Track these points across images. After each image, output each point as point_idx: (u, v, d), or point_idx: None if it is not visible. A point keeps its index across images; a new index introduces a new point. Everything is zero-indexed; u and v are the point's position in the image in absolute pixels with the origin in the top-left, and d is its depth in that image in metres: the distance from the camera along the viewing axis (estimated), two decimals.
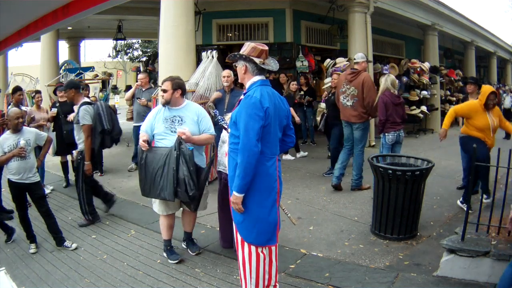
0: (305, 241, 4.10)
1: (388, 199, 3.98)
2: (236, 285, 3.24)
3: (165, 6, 6.19)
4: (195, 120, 3.62)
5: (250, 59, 2.67)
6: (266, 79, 2.77)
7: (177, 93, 3.60)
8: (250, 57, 2.67)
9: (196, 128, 3.61)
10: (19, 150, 3.88)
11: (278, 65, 2.80)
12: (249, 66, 2.70)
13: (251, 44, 2.71)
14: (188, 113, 3.63)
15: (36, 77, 11.00)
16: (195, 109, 3.70)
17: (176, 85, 3.60)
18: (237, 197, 2.61)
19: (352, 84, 5.42)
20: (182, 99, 3.69)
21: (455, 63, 16.29)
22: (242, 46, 2.77)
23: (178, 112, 3.63)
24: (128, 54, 28.20)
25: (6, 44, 2.12)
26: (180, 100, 3.66)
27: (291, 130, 2.93)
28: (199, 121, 3.63)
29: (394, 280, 3.27)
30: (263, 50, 2.69)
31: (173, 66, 5.94)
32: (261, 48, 2.69)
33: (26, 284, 3.45)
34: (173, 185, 3.34)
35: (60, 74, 9.63)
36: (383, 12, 9.66)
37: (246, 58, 2.68)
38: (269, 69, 2.73)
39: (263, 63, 2.69)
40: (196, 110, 3.68)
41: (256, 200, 2.65)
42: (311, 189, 5.83)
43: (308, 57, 9.81)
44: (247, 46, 2.72)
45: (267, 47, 2.74)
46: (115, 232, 4.50)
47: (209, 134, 3.68)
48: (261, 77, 2.72)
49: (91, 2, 1.47)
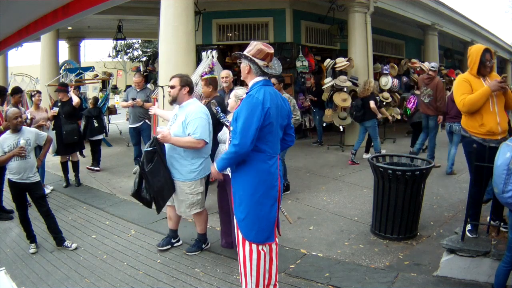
0: (305, 241, 4.11)
1: (388, 199, 3.98)
2: (236, 285, 3.24)
3: (165, 6, 6.19)
4: (182, 121, 3.51)
5: (254, 61, 2.68)
6: (268, 80, 2.79)
7: (185, 90, 3.60)
8: (254, 59, 2.67)
9: (181, 130, 3.48)
10: (19, 149, 3.87)
11: (281, 68, 2.82)
12: (253, 67, 2.71)
13: (257, 46, 2.70)
14: (182, 112, 3.58)
15: (36, 77, 11.01)
16: (189, 109, 3.56)
17: (184, 82, 3.60)
18: (218, 172, 2.89)
19: (428, 86, 6.89)
20: (188, 97, 3.65)
21: (455, 63, 16.29)
22: (243, 46, 2.78)
23: (180, 110, 3.65)
24: (128, 54, 28.18)
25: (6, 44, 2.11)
26: (186, 97, 3.63)
27: (292, 129, 2.97)
28: (186, 122, 3.48)
29: (394, 280, 3.27)
30: (268, 53, 2.69)
31: (173, 66, 5.95)
32: (267, 51, 2.68)
33: (26, 284, 3.45)
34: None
35: (60, 74, 9.63)
36: (383, 12, 9.67)
37: (251, 60, 2.69)
38: (271, 73, 2.74)
39: (267, 66, 2.69)
40: (189, 111, 3.53)
41: (257, 198, 2.66)
42: (311, 189, 5.83)
43: (308, 57, 9.82)
44: (253, 47, 2.71)
45: (272, 50, 2.73)
46: (115, 232, 4.50)
47: (193, 138, 3.44)
48: (263, 77, 2.74)
49: (91, 2, 1.47)
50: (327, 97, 8.95)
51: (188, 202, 3.66)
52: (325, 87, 8.86)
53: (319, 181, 6.24)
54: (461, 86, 3.45)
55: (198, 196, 3.69)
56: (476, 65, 3.42)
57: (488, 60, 3.43)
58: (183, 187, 3.61)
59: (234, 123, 2.69)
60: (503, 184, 2.57)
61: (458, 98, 3.42)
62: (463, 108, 3.41)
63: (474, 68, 3.44)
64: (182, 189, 3.62)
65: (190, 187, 3.62)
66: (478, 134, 3.38)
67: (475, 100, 3.32)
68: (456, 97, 3.46)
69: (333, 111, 8.74)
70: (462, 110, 3.46)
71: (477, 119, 3.39)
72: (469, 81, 3.44)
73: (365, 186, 5.81)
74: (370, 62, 9.13)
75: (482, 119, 3.36)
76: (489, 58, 3.44)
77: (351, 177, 6.46)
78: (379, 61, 11.38)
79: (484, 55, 3.41)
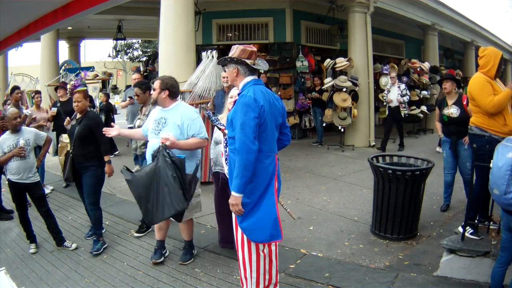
0: (305, 241, 4.10)
1: (388, 199, 3.98)
2: (236, 285, 3.24)
3: (165, 6, 6.19)
4: (178, 124, 3.41)
5: (241, 61, 2.69)
6: (259, 79, 2.80)
7: (164, 93, 3.47)
8: (241, 59, 2.69)
9: (178, 132, 3.40)
10: (18, 150, 3.88)
11: (267, 65, 2.85)
12: (241, 68, 2.72)
13: (240, 47, 2.74)
14: (172, 115, 3.46)
15: (36, 77, 11.02)
16: (181, 112, 3.47)
17: (164, 86, 3.47)
18: (236, 197, 2.59)
19: None
20: (171, 101, 3.52)
21: (455, 63, 16.29)
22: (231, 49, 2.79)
23: (165, 113, 3.51)
24: (128, 54, 28.19)
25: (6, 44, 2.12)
26: (167, 101, 3.50)
27: (287, 128, 2.95)
28: (183, 124, 3.41)
29: (394, 280, 3.27)
30: (252, 52, 2.73)
31: (173, 66, 5.95)
32: (250, 49, 2.73)
33: (26, 284, 3.45)
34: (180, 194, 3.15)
35: (60, 74, 9.63)
36: (383, 12, 9.66)
37: (238, 61, 2.70)
38: (259, 69, 2.77)
39: (254, 64, 2.72)
40: (182, 113, 3.45)
41: (256, 198, 2.64)
42: (311, 189, 5.83)
43: (308, 57, 9.82)
44: (236, 49, 2.74)
45: (255, 48, 2.78)
46: (115, 232, 4.50)
47: (199, 138, 3.42)
48: (253, 77, 2.75)
49: (91, 2, 1.47)
50: (327, 97, 8.96)
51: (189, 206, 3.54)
52: (325, 87, 8.87)
53: (319, 181, 6.24)
54: (486, 87, 3.54)
55: (197, 198, 3.62)
56: (495, 68, 3.56)
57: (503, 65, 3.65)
58: None
59: (230, 127, 2.68)
60: (505, 185, 2.56)
61: (485, 99, 3.50)
62: (492, 109, 3.49)
63: (492, 71, 3.57)
64: None
65: None
66: (500, 133, 3.48)
67: (503, 101, 3.47)
68: (482, 98, 3.52)
69: (333, 111, 8.74)
70: (489, 111, 3.52)
71: (501, 119, 3.52)
72: (491, 83, 3.56)
73: (365, 186, 5.81)
74: (370, 62, 9.12)
75: (505, 119, 3.50)
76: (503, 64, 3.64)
77: (351, 177, 6.46)
78: (379, 61, 11.38)
79: (501, 61, 3.61)
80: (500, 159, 2.64)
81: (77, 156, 4.00)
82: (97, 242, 4.01)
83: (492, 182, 2.70)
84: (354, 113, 8.62)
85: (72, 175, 4.09)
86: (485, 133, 3.58)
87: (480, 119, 3.63)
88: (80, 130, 3.98)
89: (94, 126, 4.00)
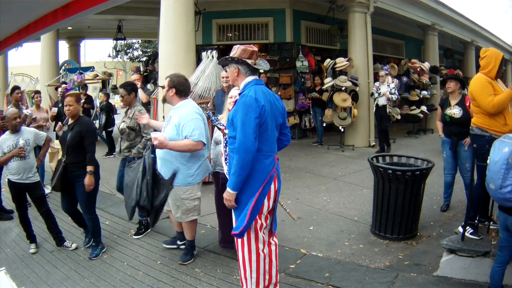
0: (305, 241, 4.10)
1: (388, 199, 3.98)
2: (236, 285, 3.24)
3: (165, 6, 6.19)
4: (175, 124, 3.36)
5: (242, 61, 2.70)
6: (260, 79, 2.80)
7: (172, 91, 3.48)
8: (243, 59, 2.69)
9: (175, 132, 3.34)
10: (18, 150, 3.87)
11: (268, 64, 2.86)
12: (242, 68, 2.73)
13: (240, 47, 2.75)
14: (175, 114, 3.45)
15: (36, 77, 11.02)
16: (181, 111, 3.42)
17: (172, 84, 3.48)
18: (231, 194, 2.62)
19: None
20: (179, 99, 3.51)
21: (455, 63, 16.29)
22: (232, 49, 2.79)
23: (172, 111, 3.53)
24: (128, 54, 28.19)
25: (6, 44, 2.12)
26: (175, 99, 3.51)
27: (287, 128, 2.95)
28: (180, 124, 3.34)
29: (394, 280, 3.27)
30: (253, 51, 2.73)
31: (173, 66, 5.94)
32: (251, 49, 2.73)
33: (26, 284, 3.45)
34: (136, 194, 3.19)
35: (60, 74, 9.64)
36: (383, 12, 9.67)
37: (239, 61, 2.70)
38: (260, 69, 2.77)
39: (255, 64, 2.73)
40: (182, 113, 3.40)
41: (256, 198, 2.63)
42: (311, 189, 5.83)
43: (308, 57, 9.82)
44: (237, 49, 2.75)
45: (256, 48, 2.78)
46: (116, 232, 4.50)
47: (191, 140, 3.29)
48: (254, 77, 2.75)
49: (91, 2, 1.47)
50: (327, 97, 8.96)
51: (184, 208, 3.50)
52: (325, 87, 8.87)
53: (319, 181, 6.24)
54: (487, 88, 3.57)
55: (195, 201, 3.54)
56: (496, 68, 3.61)
57: (504, 66, 3.72)
58: (179, 192, 3.44)
59: (231, 127, 2.67)
60: (501, 179, 2.57)
61: (485, 99, 3.52)
62: (491, 109, 3.51)
63: (493, 72, 3.61)
64: (178, 194, 3.45)
65: (186, 192, 3.47)
66: (501, 133, 3.47)
67: (503, 101, 3.50)
68: (482, 98, 3.54)
69: (333, 111, 8.74)
70: (489, 111, 3.54)
71: (501, 119, 3.57)
72: (492, 83, 3.59)
73: (365, 186, 5.81)
74: (370, 62, 9.13)
75: (505, 119, 3.56)
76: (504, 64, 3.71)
77: (351, 177, 6.46)
78: (379, 61, 11.38)
79: (502, 61, 3.65)
80: (497, 154, 2.66)
81: (70, 164, 3.81)
82: (96, 248, 3.94)
83: (488, 177, 2.71)
84: (354, 113, 8.62)
85: (61, 185, 3.88)
86: (485, 133, 3.60)
87: (481, 119, 3.65)
88: (72, 137, 3.79)
89: (84, 132, 3.80)
